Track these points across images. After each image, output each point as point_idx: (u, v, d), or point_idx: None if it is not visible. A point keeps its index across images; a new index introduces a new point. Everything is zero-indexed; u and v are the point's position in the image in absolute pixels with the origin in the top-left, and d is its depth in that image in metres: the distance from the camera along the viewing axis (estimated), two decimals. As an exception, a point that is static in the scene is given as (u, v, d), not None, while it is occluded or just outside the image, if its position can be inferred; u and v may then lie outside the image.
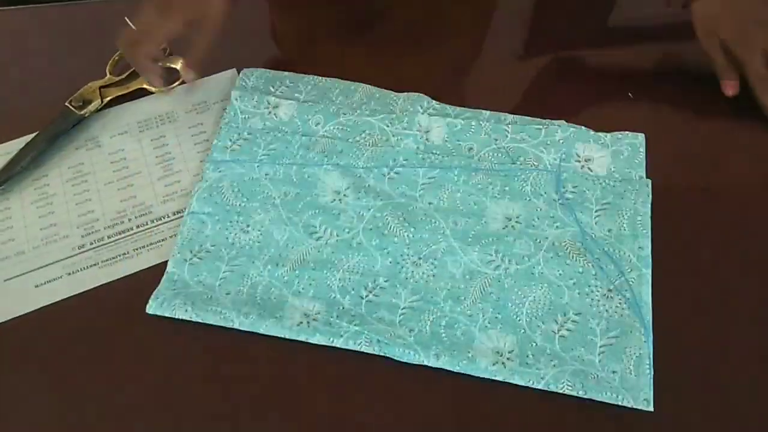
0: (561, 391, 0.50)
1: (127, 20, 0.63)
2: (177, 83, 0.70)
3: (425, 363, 0.52)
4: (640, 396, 0.50)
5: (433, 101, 0.66)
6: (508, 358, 0.52)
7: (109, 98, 0.69)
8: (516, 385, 0.51)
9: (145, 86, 0.70)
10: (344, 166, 0.62)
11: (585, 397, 0.50)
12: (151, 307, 0.55)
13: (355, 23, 0.76)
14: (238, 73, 0.71)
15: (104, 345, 0.55)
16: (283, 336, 0.54)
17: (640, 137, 0.63)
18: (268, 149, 0.64)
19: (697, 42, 0.66)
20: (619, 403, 0.50)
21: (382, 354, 0.52)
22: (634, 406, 0.49)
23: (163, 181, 0.65)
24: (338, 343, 0.53)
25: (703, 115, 0.68)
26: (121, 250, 0.60)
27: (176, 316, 0.55)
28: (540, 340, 0.53)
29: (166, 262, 0.58)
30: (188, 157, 0.66)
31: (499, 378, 0.51)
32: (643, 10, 0.79)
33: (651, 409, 0.49)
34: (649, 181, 0.60)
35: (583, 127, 0.63)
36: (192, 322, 0.55)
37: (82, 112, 0.67)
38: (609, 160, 0.62)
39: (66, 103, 0.67)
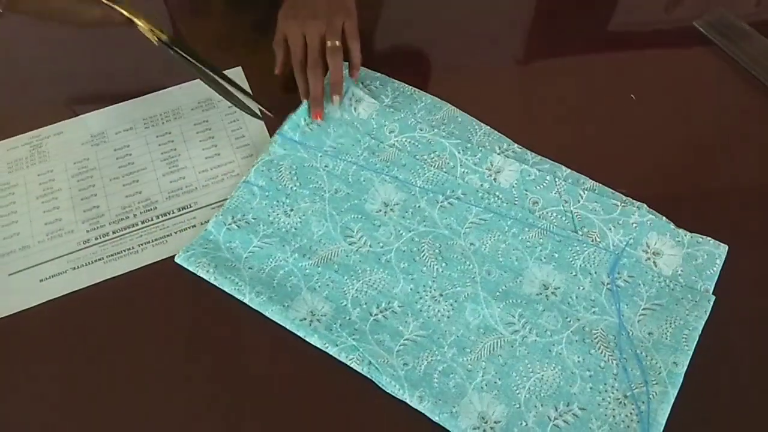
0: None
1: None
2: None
3: (407, 401, 0.50)
4: None
5: (514, 144, 0.63)
6: (491, 428, 0.49)
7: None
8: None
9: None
10: (402, 180, 0.61)
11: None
12: (180, 258, 0.57)
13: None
14: (243, 70, 0.71)
15: (107, 339, 0.55)
16: (283, 325, 0.54)
17: (722, 249, 0.56)
18: (336, 141, 0.64)
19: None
20: None
21: (368, 376, 0.51)
22: None
23: (169, 177, 0.65)
24: (332, 351, 0.52)
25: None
26: (126, 245, 0.60)
27: (198, 274, 0.56)
28: (531, 422, 0.49)
29: (172, 257, 0.58)
30: (193, 154, 0.66)
31: (474, 444, 0.49)
32: (643, 16, 0.78)
33: None
34: (713, 298, 0.54)
35: (664, 218, 0.58)
36: (193, 320, 0.56)
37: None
38: (679, 261, 0.56)
39: None
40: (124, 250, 0.60)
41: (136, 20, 0.57)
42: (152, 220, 0.62)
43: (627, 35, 0.77)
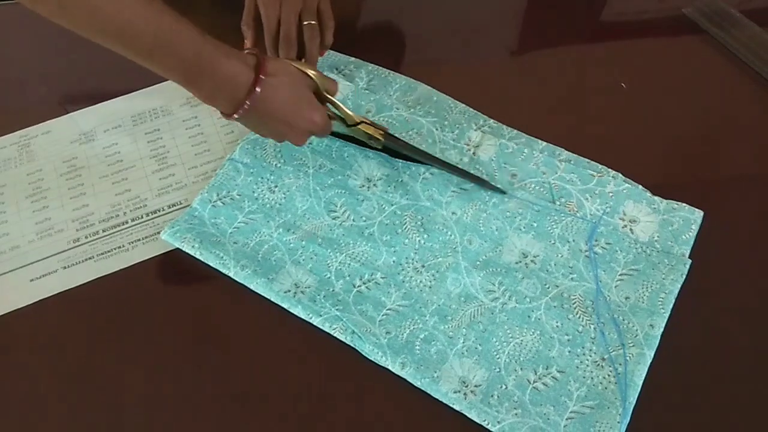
0: (513, 442, 0.48)
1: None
2: None
3: (389, 368, 0.51)
4: None
5: (490, 120, 0.64)
6: (471, 391, 0.50)
7: None
8: (472, 420, 0.49)
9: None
10: (385, 156, 0.62)
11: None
12: (165, 234, 0.58)
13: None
14: None
15: (99, 338, 0.56)
16: (268, 297, 0.55)
17: (698, 214, 0.58)
18: None
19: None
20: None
21: (352, 345, 0.52)
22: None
23: (158, 174, 0.64)
24: (315, 321, 0.53)
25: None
26: (116, 243, 0.60)
27: (183, 249, 0.57)
28: (511, 385, 0.51)
29: (163, 254, 0.59)
30: (183, 151, 0.66)
31: (455, 407, 0.50)
32: (633, 4, 0.79)
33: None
34: (689, 262, 0.55)
35: (640, 186, 0.59)
36: (185, 317, 0.56)
37: None
38: (655, 228, 0.57)
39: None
40: (115, 249, 0.60)
41: (358, 119, 0.60)
42: (142, 217, 0.62)
43: (617, 23, 0.78)
